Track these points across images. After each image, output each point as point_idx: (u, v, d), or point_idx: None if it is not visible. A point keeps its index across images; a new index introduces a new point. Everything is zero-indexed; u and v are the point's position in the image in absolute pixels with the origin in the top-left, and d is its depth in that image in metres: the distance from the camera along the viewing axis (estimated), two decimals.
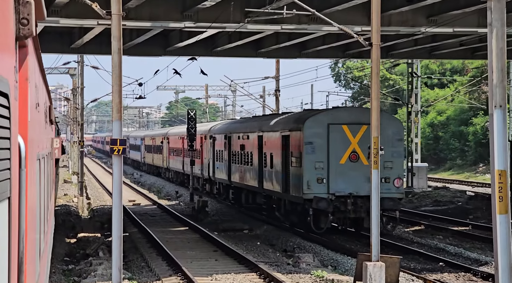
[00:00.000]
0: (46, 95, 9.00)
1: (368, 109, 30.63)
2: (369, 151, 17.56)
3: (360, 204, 24.68)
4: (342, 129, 24.98)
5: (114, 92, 14.02)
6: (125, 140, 14.15)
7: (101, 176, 67.84)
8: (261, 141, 30.34)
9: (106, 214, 34.09)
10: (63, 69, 57.76)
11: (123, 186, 56.88)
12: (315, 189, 24.52)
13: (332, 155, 24.80)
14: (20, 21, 3.30)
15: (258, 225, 29.52)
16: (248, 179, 32.39)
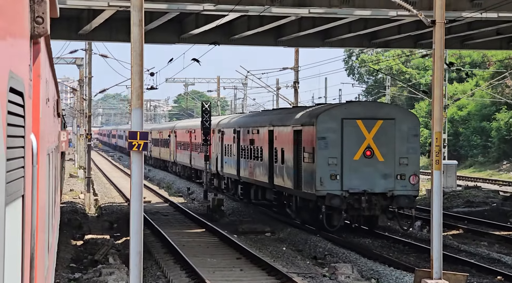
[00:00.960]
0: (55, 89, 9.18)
1: (384, 103, 30.71)
2: (384, 147, 17.39)
3: (374, 201, 24.74)
4: (357, 124, 25.04)
5: (134, 73, 12.27)
6: (147, 134, 12.50)
7: (108, 170, 68.01)
8: (271, 136, 30.45)
9: (115, 212, 33.54)
10: (69, 59, 56.06)
11: None
12: (328, 186, 24.60)
13: (346, 151, 24.87)
14: (35, 20, 3.43)
15: (281, 227, 28.01)
16: (258, 174, 32.54)
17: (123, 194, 42.17)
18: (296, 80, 46.32)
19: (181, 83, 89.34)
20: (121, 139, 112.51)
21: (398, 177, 24.96)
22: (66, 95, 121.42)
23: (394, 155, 25.03)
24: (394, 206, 25.16)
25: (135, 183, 12.31)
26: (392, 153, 25.02)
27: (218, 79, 74.21)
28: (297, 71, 45.99)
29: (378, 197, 24.77)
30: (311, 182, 25.04)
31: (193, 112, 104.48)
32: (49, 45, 6.00)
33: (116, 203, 38.33)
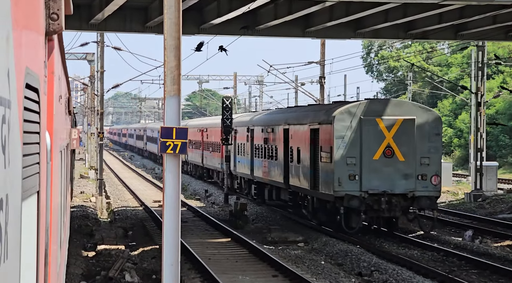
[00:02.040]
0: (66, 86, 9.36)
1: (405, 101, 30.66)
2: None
3: (394, 202, 24.77)
4: (376, 123, 25.09)
5: (168, 49, 9.66)
6: (185, 131, 9.99)
7: (120, 170, 68.27)
8: (287, 134, 30.57)
9: (129, 217, 32.50)
10: (80, 55, 54.73)
11: (146, 183, 54.99)
12: (347, 186, 24.67)
13: (365, 150, 24.93)
14: (50, 16, 3.57)
15: (313, 235, 26.33)
16: (273, 174, 32.69)
17: (136, 197, 41.74)
18: (322, 75, 44.79)
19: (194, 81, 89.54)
20: (132, 138, 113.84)
21: (419, 177, 25.00)
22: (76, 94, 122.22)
23: (415, 154, 25.06)
24: (415, 207, 25.20)
25: (170, 196, 9.60)
26: (413, 153, 25.06)
27: (234, 76, 73.94)
28: (323, 66, 44.59)
29: (398, 198, 24.82)
30: (329, 182, 25.11)
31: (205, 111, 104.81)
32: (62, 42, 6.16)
33: (130, 207, 37.29)
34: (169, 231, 9.86)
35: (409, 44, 76.89)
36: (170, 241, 9.87)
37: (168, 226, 9.87)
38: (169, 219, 9.81)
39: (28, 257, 3.15)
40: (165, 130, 9.90)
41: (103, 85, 40.86)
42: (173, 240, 9.92)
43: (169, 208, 9.73)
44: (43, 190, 3.63)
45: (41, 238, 3.57)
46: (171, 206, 9.76)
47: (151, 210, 33.74)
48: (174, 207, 9.78)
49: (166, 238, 9.92)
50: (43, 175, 3.58)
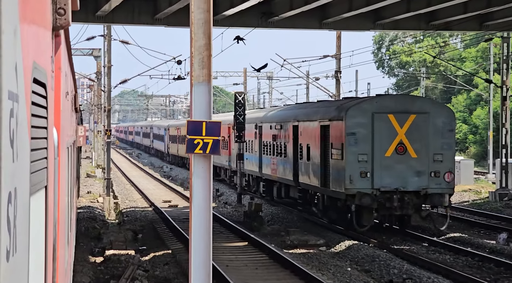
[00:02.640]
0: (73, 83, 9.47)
1: (417, 96, 30.68)
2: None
3: (407, 200, 24.80)
4: (388, 119, 25.11)
5: (196, 25, 7.89)
6: (218, 126, 8.40)
7: (127, 169, 68.39)
8: (296, 131, 30.66)
9: (139, 219, 31.57)
10: (86, 50, 54.11)
11: (154, 182, 54.75)
12: (358, 184, 24.71)
13: (377, 147, 24.95)
14: (57, 11, 3.64)
15: (335, 238, 25.27)
16: (281, 171, 32.82)
17: (145, 197, 41.20)
18: (338, 70, 43.53)
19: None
20: (138, 136, 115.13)
21: (432, 174, 25.01)
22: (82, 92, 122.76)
23: (428, 151, 25.08)
24: (428, 205, 25.22)
25: (199, 207, 7.88)
26: (426, 149, 25.07)
27: (244, 71, 73.82)
28: (339, 59, 43.48)
29: (411, 195, 24.84)
30: (340, 180, 25.16)
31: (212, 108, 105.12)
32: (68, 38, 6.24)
33: (138, 207, 36.43)
34: (198, 253, 8.07)
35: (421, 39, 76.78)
36: (199, 265, 8.12)
37: (197, 245, 8.13)
38: (198, 237, 7.94)
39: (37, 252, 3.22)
40: (192, 125, 8.11)
41: (110, 81, 39.73)
42: (203, 265, 8.18)
43: (198, 222, 7.94)
44: (50, 185, 3.70)
45: (49, 233, 3.64)
46: (201, 219, 7.97)
47: (161, 210, 32.97)
48: (205, 221, 7.92)
49: (195, 261, 8.17)
50: (50, 170, 3.65)
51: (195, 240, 8.17)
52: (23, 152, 2.48)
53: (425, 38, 75.61)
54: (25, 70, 2.50)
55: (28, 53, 2.60)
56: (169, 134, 74.40)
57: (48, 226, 3.58)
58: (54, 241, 3.86)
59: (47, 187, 3.51)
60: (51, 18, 3.65)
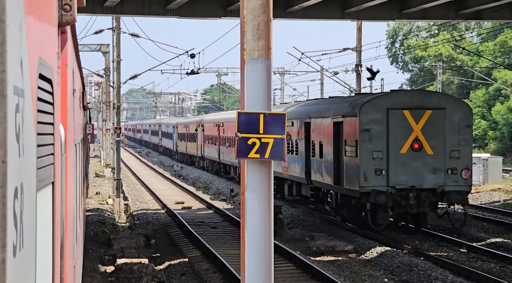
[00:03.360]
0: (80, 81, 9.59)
1: (433, 92, 30.52)
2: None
3: (423, 198, 24.80)
4: (403, 115, 25.12)
5: None
6: (283, 119, 6.38)
7: (136, 168, 68.53)
8: (308, 128, 30.76)
9: (151, 222, 30.45)
10: (94, 46, 53.26)
11: (166, 182, 54.47)
12: (373, 181, 24.73)
13: (392, 144, 24.97)
14: (62, 7, 3.72)
15: (363, 243, 23.95)
16: (293, 169, 32.96)
17: (157, 198, 40.53)
18: (359, 63, 42.18)
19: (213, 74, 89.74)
20: (147, 134, 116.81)
21: (449, 172, 25.01)
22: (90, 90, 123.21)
23: (445, 147, 25.07)
24: (445, 203, 25.23)
25: (256, 235, 6.14)
26: (442, 146, 25.07)
27: None
28: (359, 52, 42.27)
29: (427, 193, 24.84)
30: (354, 178, 25.19)
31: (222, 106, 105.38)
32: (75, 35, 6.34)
33: (150, 209, 35.31)
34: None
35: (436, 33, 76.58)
36: None
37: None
38: (254, 277, 5.86)
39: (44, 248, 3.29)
40: (245, 118, 6.21)
41: (119, 76, 38.20)
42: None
43: (254, 257, 5.89)
44: (58, 181, 3.78)
45: (57, 229, 3.72)
46: (258, 253, 5.93)
47: (174, 213, 32.10)
48: (263, 256, 5.98)
49: None
50: (57, 166, 3.73)
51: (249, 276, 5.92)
52: (29, 147, 2.55)
53: (440, 32, 75.42)
54: (30, 66, 2.57)
55: (33, 49, 2.67)
56: (177, 132, 75.53)
57: (56, 222, 3.66)
58: (62, 238, 3.94)
59: (54, 183, 3.60)
60: (57, 14, 3.73)
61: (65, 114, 4.80)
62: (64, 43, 4.66)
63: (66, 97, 4.99)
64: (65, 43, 4.68)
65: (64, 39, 4.64)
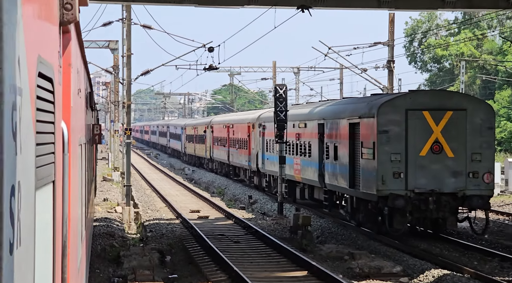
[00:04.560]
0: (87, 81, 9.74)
1: (454, 92, 30.43)
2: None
3: (443, 202, 24.77)
4: (423, 116, 25.13)
5: None
6: None
7: (146, 171, 68.40)
8: (322, 129, 30.85)
9: (165, 235, 28.10)
10: (101, 43, 51.96)
11: (177, 187, 53.89)
12: (391, 185, 24.74)
13: (411, 146, 24.98)
14: (64, 6, 3.84)
15: (414, 264, 21.66)
16: (306, 172, 33.06)
17: (169, 205, 38.91)
18: (391, 59, 40.42)
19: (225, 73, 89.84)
20: (154, 135, 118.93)
21: (470, 175, 24.98)
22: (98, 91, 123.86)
23: (466, 150, 25.06)
24: (466, 208, 25.20)
25: None
26: (463, 148, 25.06)
27: (274, 64, 73.22)
28: (392, 47, 40.62)
29: (447, 197, 24.83)
30: (371, 181, 25.22)
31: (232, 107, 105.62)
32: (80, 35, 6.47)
33: (163, 219, 33.26)
34: None
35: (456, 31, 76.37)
36: None
37: None
38: None
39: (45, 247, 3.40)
40: None
41: (130, 72, 35.72)
42: None
43: None
44: (59, 180, 3.89)
45: (58, 228, 3.83)
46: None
47: (190, 224, 29.81)
48: None
49: None
50: (58, 165, 3.84)
51: None
52: (27, 146, 2.66)
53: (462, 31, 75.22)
54: (28, 64, 2.67)
55: (32, 47, 2.77)
56: (186, 134, 76.98)
57: (57, 221, 3.77)
58: (64, 237, 4.05)
59: (55, 182, 3.70)
60: (58, 13, 3.85)
61: (68, 114, 4.91)
62: (67, 43, 4.78)
63: (70, 97, 5.11)
64: (68, 43, 4.80)
65: (67, 38, 4.76)
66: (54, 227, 3.72)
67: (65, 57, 4.70)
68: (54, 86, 3.52)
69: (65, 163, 4.15)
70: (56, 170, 3.73)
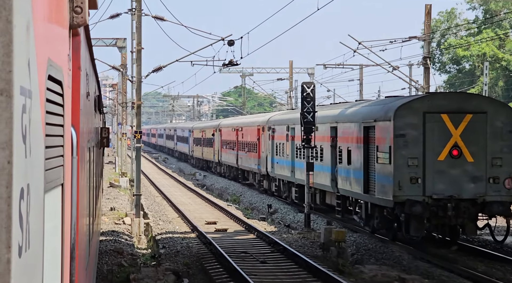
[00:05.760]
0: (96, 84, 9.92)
1: (474, 94, 30.37)
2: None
3: (463, 208, 24.75)
4: (441, 119, 25.15)
5: None
6: None
7: (155, 176, 67.86)
8: (334, 133, 30.94)
9: (180, 252, 25.46)
10: (109, 41, 51.39)
11: (189, 194, 53.10)
12: (408, 191, 24.77)
13: (428, 150, 25.01)
14: (73, 9, 3.95)
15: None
16: (318, 176, 33.16)
17: (182, 215, 36.99)
18: (428, 55, 38.49)
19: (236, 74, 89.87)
20: (161, 139, 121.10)
21: (491, 180, 24.98)
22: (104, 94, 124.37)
23: (486, 154, 25.06)
24: (486, 214, 25.18)
25: None
26: (484, 152, 25.06)
27: (290, 64, 72.13)
28: (428, 42, 38.88)
29: (466, 203, 24.82)
30: (387, 186, 25.25)
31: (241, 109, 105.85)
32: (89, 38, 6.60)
33: (177, 232, 30.91)
34: None
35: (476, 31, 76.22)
36: None
37: None
38: None
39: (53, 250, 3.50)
40: None
41: (140, 68, 32.98)
42: None
43: None
44: (67, 183, 4.00)
45: (66, 231, 3.93)
46: None
47: (208, 239, 27.35)
48: None
49: None
50: (67, 168, 3.95)
51: None
52: (37, 148, 2.75)
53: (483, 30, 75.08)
54: (38, 67, 2.77)
55: (42, 50, 2.87)
56: (193, 137, 78.13)
57: (65, 224, 3.87)
58: (73, 240, 4.16)
59: (64, 185, 3.81)
60: (68, 16, 3.96)
61: (77, 117, 5.03)
62: (77, 46, 4.91)
63: (79, 100, 5.23)
64: (78, 46, 4.93)
65: (77, 41, 4.88)
66: (63, 230, 3.82)
67: (74, 60, 4.81)
68: (64, 89, 3.62)
69: (74, 166, 4.26)
70: (65, 172, 3.83)
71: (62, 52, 3.67)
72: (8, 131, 2.24)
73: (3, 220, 2.22)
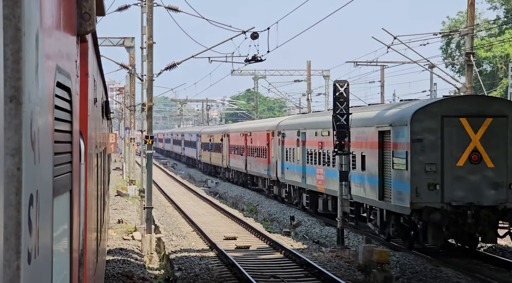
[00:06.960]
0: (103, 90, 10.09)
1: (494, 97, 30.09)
2: None
3: (483, 216, 24.72)
4: (460, 123, 25.17)
5: None
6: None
7: (164, 183, 67.06)
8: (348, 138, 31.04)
9: (199, 276, 22.67)
10: (116, 40, 50.45)
11: (202, 204, 52.14)
12: (426, 197, 24.79)
13: (447, 155, 25.03)
14: (81, 16, 4.08)
15: None
16: (330, 183, 33.27)
17: (197, 228, 34.60)
18: (470, 51, 35.14)
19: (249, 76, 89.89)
20: (168, 143, 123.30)
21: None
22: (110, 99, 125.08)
23: (507, 159, 25.06)
24: (507, 222, 25.17)
25: None
26: (504, 158, 25.06)
27: (308, 65, 70.98)
28: (471, 36, 35.90)
29: (487, 210, 24.80)
30: (404, 193, 25.28)
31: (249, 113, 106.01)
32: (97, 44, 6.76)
33: (193, 250, 28.45)
34: None
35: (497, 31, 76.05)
36: None
37: None
38: None
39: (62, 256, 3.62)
40: None
41: (151, 65, 29.76)
42: None
43: None
44: (76, 190, 4.12)
45: (75, 237, 4.06)
46: None
47: (230, 259, 24.85)
48: None
49: None
50: (75, 175, 4.07)
51: None
52: (45, 155, 2.87)
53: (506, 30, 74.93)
54: (47, 74, 2.88)
55: (50, 56, 2.99)
56: (201, 142, 79.17)
57: (74, 231, 4.00)
58: (81, 245, 4.29)
59: (72, 192, 3.93)
60: (76, 22, 4.09)
61: (85, 124, 5.17)
62: (85, 52, 5.05)
63: (87, 106, 5.36)
64: (85, 52, 5.07)
65: (85, 48, 5.02)
66: (71, 236, 3.94)
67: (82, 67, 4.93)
68: (72, 95, 3.75)
69: (81, 173, 4.39)
70: (73, 179, 3.96)
71: (70, 59, 3.79)
72: (18, 138, 2.33)
73: (13, 227, 2.30)
